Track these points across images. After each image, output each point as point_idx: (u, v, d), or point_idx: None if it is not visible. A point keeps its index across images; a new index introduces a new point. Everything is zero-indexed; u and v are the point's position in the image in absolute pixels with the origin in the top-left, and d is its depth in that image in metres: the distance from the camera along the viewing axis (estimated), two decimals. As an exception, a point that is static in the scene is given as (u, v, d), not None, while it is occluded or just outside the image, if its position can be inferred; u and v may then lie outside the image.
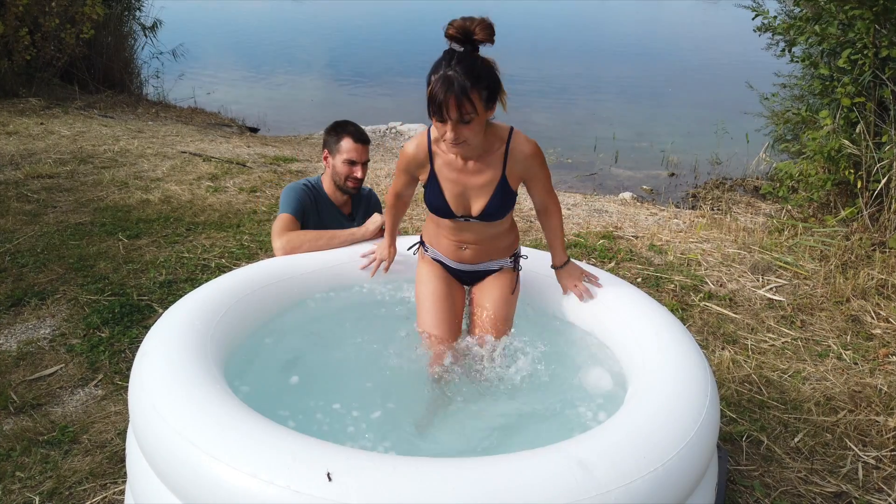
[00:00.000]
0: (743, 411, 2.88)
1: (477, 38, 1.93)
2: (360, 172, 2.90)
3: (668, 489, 1.49)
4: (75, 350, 3.12)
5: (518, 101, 12.25)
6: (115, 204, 5.05)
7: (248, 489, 1.39)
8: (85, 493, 2.29)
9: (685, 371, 1.82)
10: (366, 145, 2.90)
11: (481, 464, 1.44)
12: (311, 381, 2.11)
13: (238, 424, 1.51)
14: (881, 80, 4.69)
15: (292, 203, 2.82)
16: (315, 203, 2.92)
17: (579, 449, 1.48)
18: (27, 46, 8.67)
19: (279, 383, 2.13)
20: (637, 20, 24.84)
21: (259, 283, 2.29)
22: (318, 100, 12.24)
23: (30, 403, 2.74)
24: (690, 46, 19.03)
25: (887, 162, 4.52)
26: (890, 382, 3.09)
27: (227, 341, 2.00)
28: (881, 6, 4.42)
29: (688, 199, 7.10)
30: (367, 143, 2.91)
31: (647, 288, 4.00)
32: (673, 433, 1.58)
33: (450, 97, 1.87)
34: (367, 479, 1.37)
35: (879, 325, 3.62)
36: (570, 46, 18.83)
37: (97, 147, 6.71)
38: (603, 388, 2.04)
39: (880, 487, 2.47)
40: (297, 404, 1.97)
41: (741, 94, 7.27)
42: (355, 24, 22.62)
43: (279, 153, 7.45)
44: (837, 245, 4.44)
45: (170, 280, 3.82)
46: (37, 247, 4.17)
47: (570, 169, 8.33)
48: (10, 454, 2.45)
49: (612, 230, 5.02)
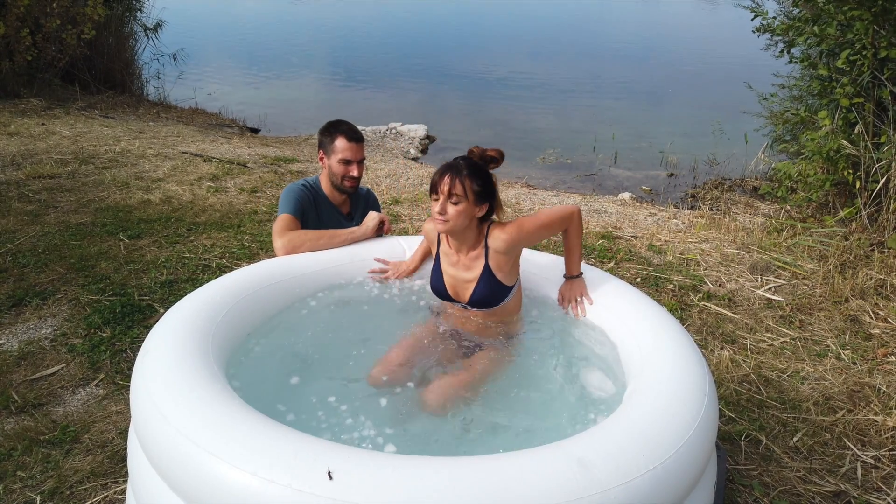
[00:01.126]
0: (742, 411, 2.89)
1: (490, 154, 2.24)
2: (356, 171, 2.89)
3: (667, 488, 1.49)
4: (76, 350, 3.13)
5: (518, 101, 12.26)
6: (117, 204, 5.06)
7: (250, 488, 1.39)
8: (86, 493, 2.30)
9: (684, 370, 1.83)
10: (360, 143, 2.89)
11: (481, 463, 1.45)
12: (312, 380, 2.12)
13: (239, 423, 1.52)
14: (880, 80, 4.70)
15: (292, 203, 2.82)
16: (314, 203, 2.91)
17: (579, 448, 1.49)
18: (28, 47, 8.68)
19: (280, 382, 2.14)
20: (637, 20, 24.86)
21: (260, 283, 2.29)
22: (319, 100, 12.25)
23: (31, 403, 2.75)
24: (690, 47, 19.05)
25: (886, 162, 4.53)
26: (888, 382, 3.10)
27: (228, 341, 2.01)
28: (880, 7, 4.43)
29: (687, 199, 7.11)
30: (361, 142, 2.89)
31: (646, 288, 4.01)
32: (672, 432, 1.58)
33: (446, 174, 2.16)
34: (368, 478, 1.37)
35: (878, 325, 3.63)
36: (569, 47, 18.84)
37: (98, 147, 6.72)
38: (605, 390, 2.05)
39: (879, 487, 2.48)
40: (298, 403, 1.98)
41: (740, 95, 7.28)
42: (356, 24, 22.63)
43: (280, 154, 7.46)
44: (836, 245, 4.45)
45: (171, 280, 3.82)
46: (38, 247, 4.18)
47: (569, 169, 8.34)
48: (12, 454, 2.45)
49: (612, 230, 5.03)
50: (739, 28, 8.59)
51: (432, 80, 14.20)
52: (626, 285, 2.38)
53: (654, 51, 18.40)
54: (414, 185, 6.13)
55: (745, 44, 9.11)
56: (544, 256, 2.62)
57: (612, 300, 2.29)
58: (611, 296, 2.30)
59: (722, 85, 13.04)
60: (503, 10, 25.86)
